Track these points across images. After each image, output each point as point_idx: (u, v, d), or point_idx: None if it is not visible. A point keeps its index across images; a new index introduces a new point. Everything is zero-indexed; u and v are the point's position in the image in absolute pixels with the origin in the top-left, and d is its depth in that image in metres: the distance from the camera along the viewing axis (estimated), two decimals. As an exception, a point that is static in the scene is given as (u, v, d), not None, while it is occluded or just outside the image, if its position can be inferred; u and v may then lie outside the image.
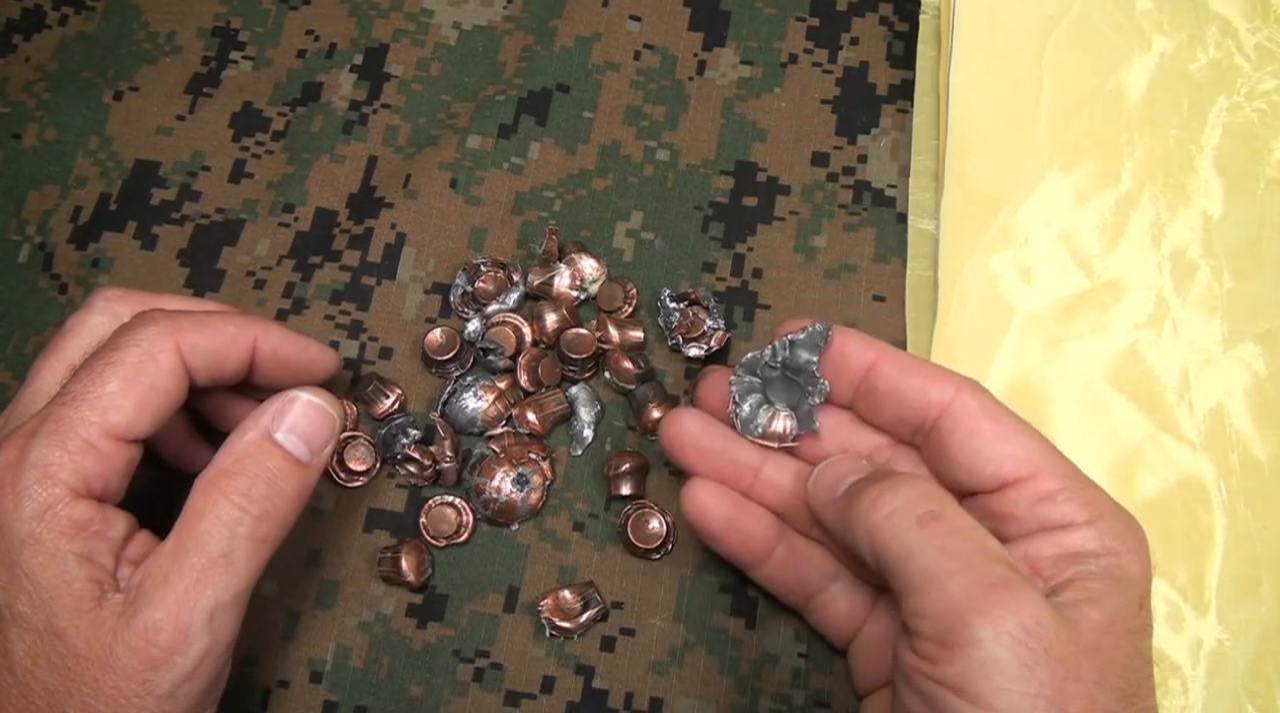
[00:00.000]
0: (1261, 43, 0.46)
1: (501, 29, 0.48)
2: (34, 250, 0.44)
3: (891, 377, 0.34)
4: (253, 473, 0.31)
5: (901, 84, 0.47)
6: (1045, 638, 0.27)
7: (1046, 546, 0.30)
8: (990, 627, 0.27)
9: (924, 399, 0.33)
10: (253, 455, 0.32)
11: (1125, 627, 0.29)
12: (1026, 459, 0.31)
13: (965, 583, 0.28)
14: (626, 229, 0.45)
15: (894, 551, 0.30)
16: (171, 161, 0.46)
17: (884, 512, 0.30)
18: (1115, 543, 0.30)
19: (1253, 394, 0.41)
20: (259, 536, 0.31)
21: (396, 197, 0.45)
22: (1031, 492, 0.31)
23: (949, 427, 0.32)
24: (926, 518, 0.29)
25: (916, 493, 0.30)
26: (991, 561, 0.29)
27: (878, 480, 0.32)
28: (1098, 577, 0.29)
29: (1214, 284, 0.43)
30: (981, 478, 0.31)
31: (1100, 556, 0.30)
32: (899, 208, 0.45)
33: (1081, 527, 0.30)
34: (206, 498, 0.31)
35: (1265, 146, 0.45)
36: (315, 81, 0.47)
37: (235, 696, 0.38)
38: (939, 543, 0.29)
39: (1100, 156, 0.45)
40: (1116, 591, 0.29)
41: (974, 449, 0.32)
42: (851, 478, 0.33)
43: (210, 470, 0.32)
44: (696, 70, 0.47)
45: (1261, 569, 0.39)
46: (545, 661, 0.39)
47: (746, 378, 0.36)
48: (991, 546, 0.29)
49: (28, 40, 0.48)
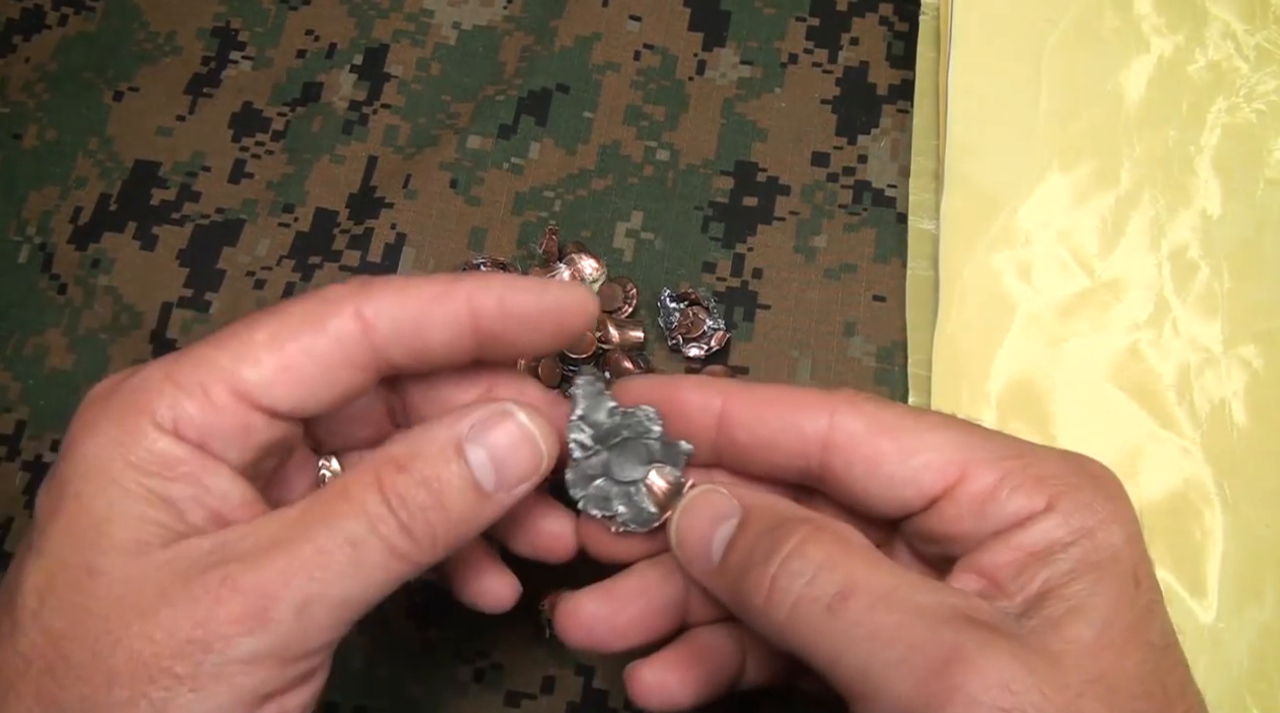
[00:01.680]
0: (1260, 44, 0.46)
1: (501, 29, 0.48)
2: (34, 250, 0.44)
3: (748, 423, 0.28)
4: (422, 477, 0.26)
5: (901, 84, 0.47)
6: (1029, 702, 0.22)
7: (1003, 552, 0.25)
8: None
9: (797, 438, 0.27)
10: (430, 457, 0.26)
11: (1125, 624, 0.24)
12: (947, 461, 0.26)
13: (910, 678, 0.22)
14: (626, 229, 0.45)
15: (815, 654, 0.24)
16: (171, 162, 0.46)
17: (784, 608, 0.24)
18: (1085, 518, 0.25)
19: (1253, 393, 0.41)
20: (398, 548, 0.25)
21: (396, 197, 0.45)
22: (968, 496, 0.25)
23: (842, 461, 0.27)
24: (837, 602, 0.24)
25: (813, 568, 0.24)
26: (933, 626, 0.23)
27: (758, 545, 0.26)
28: (1074, 574, 0.24)
29: (1214, 284, 0.43)
30: (904, 502, 0.26)
31: (1069, 544, 0.24)
32: (899, 208, 0.45)
33: (1041, 516, 0.25)
34: (357, 479, 0.25)
35: (1264, 147, 0.45)
36: (315, 81, 0.47)
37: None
38: (863, 631, 0.23)
39: (1100, 157, 0.45)
40: (1102, 582, 0.24)
41: (882, 477, 0.26)
42: (724, 531, 0.27)
43: (375, 455, 0.26)
44: (696, 70, 0.47)
45: (1264, 567, 0.39)
46: (545, 661, 0.39)
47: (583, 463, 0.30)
48: (926, 600, 0.24)
49: (28, 40, 0.48)
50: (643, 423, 0.29)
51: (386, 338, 0.26)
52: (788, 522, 0.26)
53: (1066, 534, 0.25)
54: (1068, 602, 0.24)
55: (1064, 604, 0.24)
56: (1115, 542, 0.25)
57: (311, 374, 0.25)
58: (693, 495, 0.28)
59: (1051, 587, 0.24)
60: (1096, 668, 0.23)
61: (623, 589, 0.30)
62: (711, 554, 0.27)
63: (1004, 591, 0.25)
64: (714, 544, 0.27)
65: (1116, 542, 0.25)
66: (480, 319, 0.27)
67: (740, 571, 0.26)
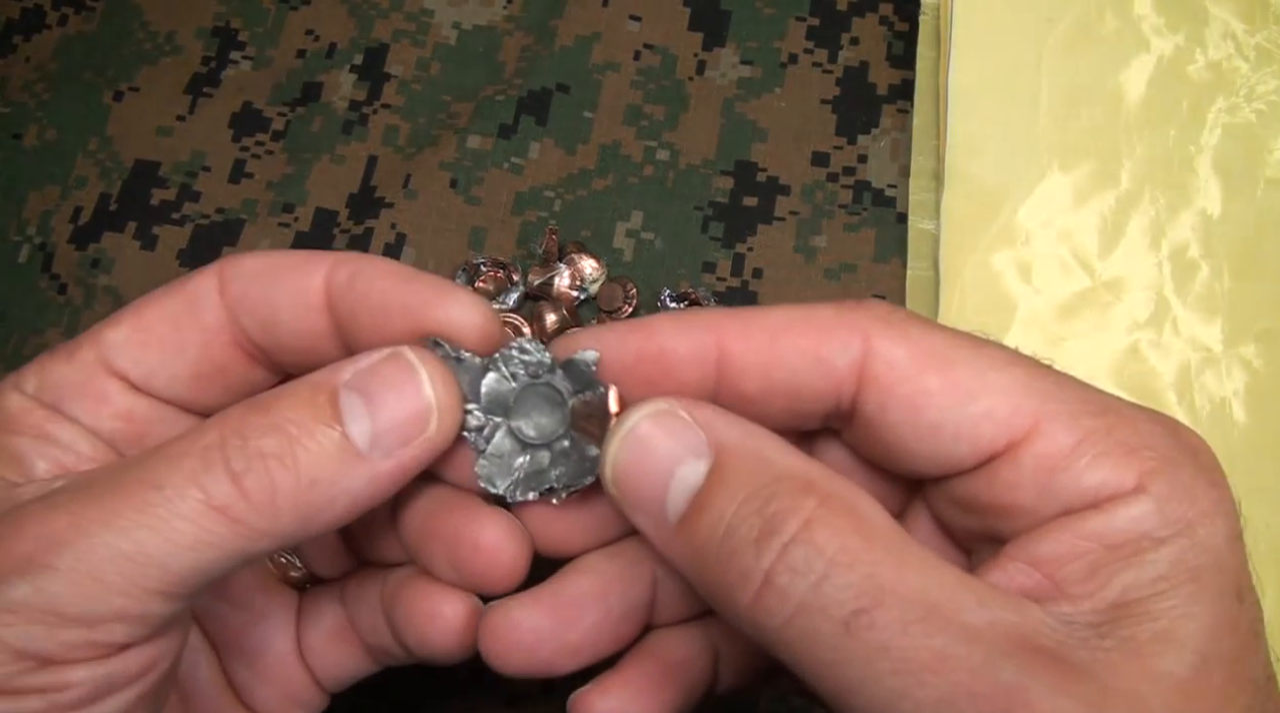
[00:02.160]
0: (1260, 44, 0.46)
1: (501, 29, 0.48)
2: (34, 251, 0.44)
3: (757, 366, 0.21)
4: (277, 420, 0.20)
5: (901, 84, 0.47)
6: None
7: (1074, 538, 0.19)
8: None
9: (823, 377, 0.21)
10: (293, 404, 0.21)
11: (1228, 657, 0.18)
12: (1013, 410, 0.20)
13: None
14: (626, 229, 0.45)
15: (823, 679, 0.18)
16: (171, 162, 0.46)
17: (781, 615, 0.18)
18: (1184, 507, 0.19)
19: (1253, 392, 0.41)
20: (217, 499, 0.20)
21: (396, 197, 0.45)
22: (1034, 460, 0.20)
23: (878, 401, 0.21)
24: (857, 617, 0.18)
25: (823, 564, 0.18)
26: (987, 660, 0.17)
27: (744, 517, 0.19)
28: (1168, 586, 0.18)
29: (1214, 284, 0.43)
30: (951, 459, 0.20)
31: (1164, 541, 0.19)
32: (899, 208, 0.45)
33: (1129, 498, 0.19)
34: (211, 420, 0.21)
35: (1264, 147, 0.45)
36: (315, 81, 0.47)
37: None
38: (892, 660, 0.17)
39: (1100, 157, 0.45)
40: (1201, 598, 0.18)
41: (927, 425, 0.20)
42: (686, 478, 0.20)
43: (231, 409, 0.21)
44: (696, 70, 0.47)
45: (1265, 568, 0.39)
46: (546, 661, 0.39)
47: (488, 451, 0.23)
48: (975, 619, 0.18)
49: (28, 40, 0.48)
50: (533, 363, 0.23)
51: (237, 303, 0.23)
52: (784, 487, 0.19)
53: (1161, 526, 0.19)
54: (1157, 622, 0.18)
55: (1152, 625, 0.18)
56: (1218, 542, 0.19)
57: (162, 336, 0.23)
58: (637, 418, 0.21)
59: (1135, 598, 0.18)
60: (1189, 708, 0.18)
61: (572, 593, 0.23)
62: (667, 508, 0.20)
63: (1067, 594, 0.19)
64: (671, 494, 0.20)
65: (1220, 542, 0.19)
66: (332, 296, 0.22)
67: (715, 546, 0.19)
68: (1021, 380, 0.20)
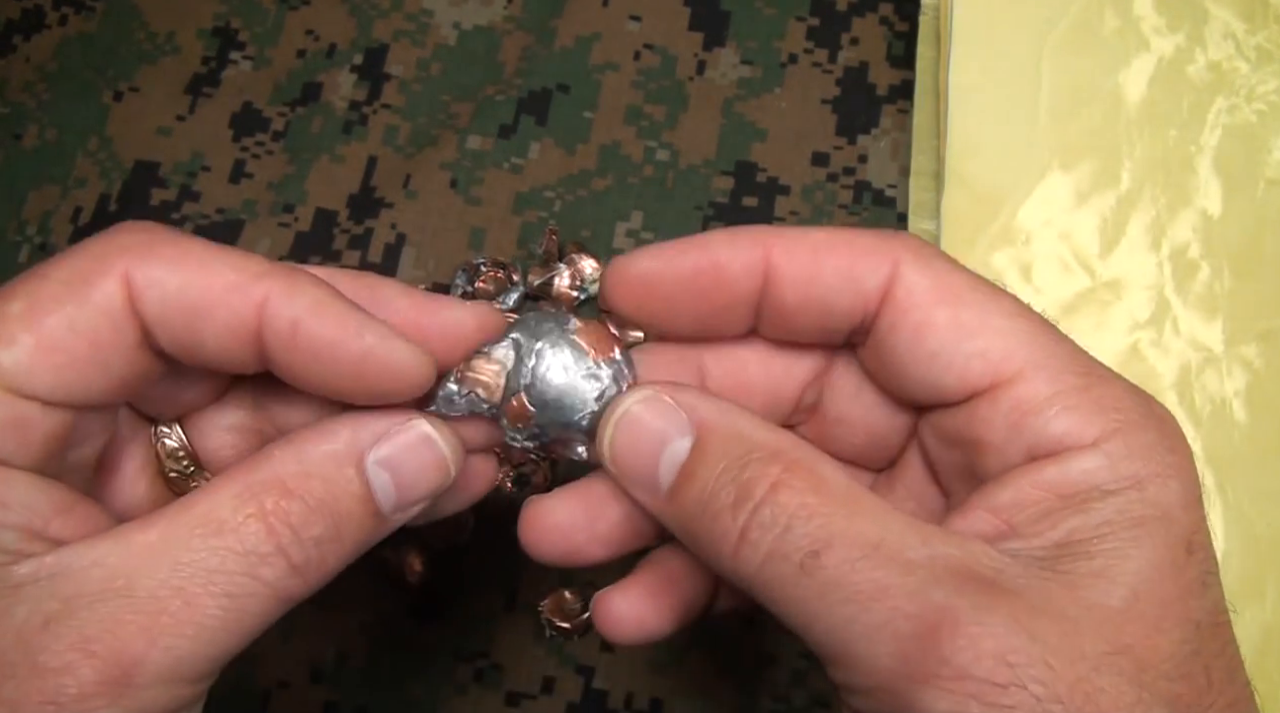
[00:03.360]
0: (1260, 44, 0.46)
1: (501, 29, 0.48)
2: (34, 251, 0.44)
3: (799, 279, 0.23)
4: (318, 503, 0.22)
5: (901, 84, 0.47)
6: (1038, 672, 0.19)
7: (1030, 487, 0.21)
8: (945, 697, 0.19)
9: (853, 294, 0.23)
10: (327, 478, 0.22)
11: (1165, 595, 0.20)
12: (1004, 355, 0.22)
13: (892, 646, 0.19)
14: (626, 229, 0.45)
15: (789, 616, 0.21)
16: (171, 162, 0.46)
17: (753, 563, 0.21)
18: (1137, 466, 0.20)
19: (1254, 392, 0.41)
20: (285, 591, 0.21)
21: (396, 197, 0.45)
22: (1012, 403, 0.21)
23: (890, 321, 0.23)
24: (811, 559, 0.20)
25: (786, 517, 0.21)
26: (921, 585, 0.20)
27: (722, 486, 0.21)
28: (1110, 530, 0.20)
29: (1214, 284, 0.43)
30: (941, 389, 0.22)
31: (1112, 492, 0.20)
32: (899, 208, 0.45)
33: (1085, 450, 0.21)
34: (232, 504, 0.21)
35: (1264, 147, 0.45)
36: (315, 81, 0.47)
37: (235, 697, 0.38)
38: (841, 592, 0.20)
39: (1100, 156, 0.45)
40: (1141, 544, 0.20)
41: (928, 351, 0.22)
42: (673, 454, 0.22)
43: (256, 471, 0.21)
44: (696, 70, 0.47)
45: (1265, 568, 0.39)
46: (545, 661, 0.39)
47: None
48: (915, 554, 0.20)
49: (28, 40, 0.48)
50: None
51: (153, 318, 0.21)
52: (755, 457, 0.21)
53: (1111, 479, 0.20)
54: (1095, 559, 0.20)
55: (1091, 562, 0.20)
56: (1169, 499, 0.20)
57: (79, 355, 0.21)
58: (629, 404, 0.23)
59: (1079, 538, 0.20)
60: (1121, 640, 0.19)
61: (599, 490, 0.25)
62: (659, 480, 0.22)
63: (1019, 534, 0.21)
64: (661, 468, 0.22)
65: (1171, 499, 0.20)
66: (266, 335, 0.21)
67: (699, 509, 0.22)
68: (1021, 330, 0.22)
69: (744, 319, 0.24)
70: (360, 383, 0.22)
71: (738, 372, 0.25)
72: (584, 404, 0.24)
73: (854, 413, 0.25)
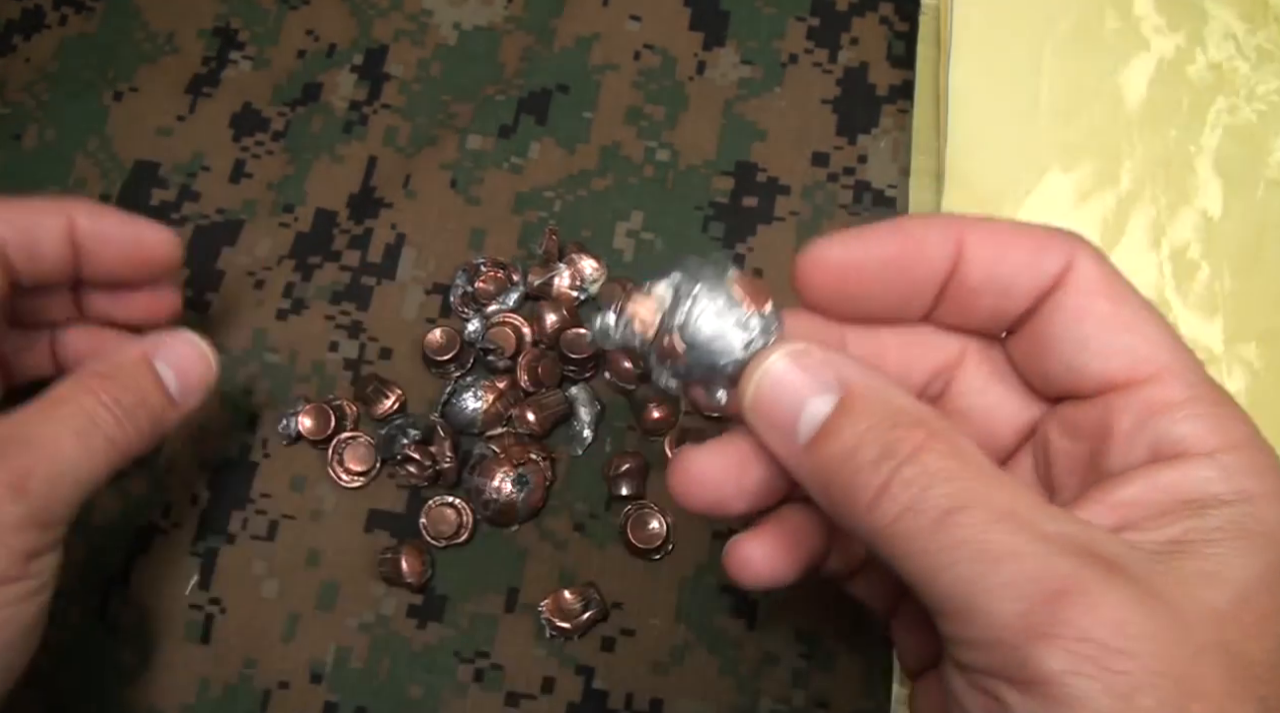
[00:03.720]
0: (1261, 44, 0.46)
1: (501, 29, 0.48)
2: (33, 250, 0.44)
3: (988, 260, 0.25)
4: (126, 383, 0.32)
5: (901, 84, 0.47)
6: (1152, 649, 0.20)
7: (1151, 488, 0.22)
8: (1062, 655, 0.20)
9: (1034, 277, 0.25)
10: (129, 370, 0.32)
11: (1265, 605, 0.21)
12: (1148, 355, 0.23)
13: (1017, 603, 0.20)
14: (626, 229, 0.45)
15: (913, 567, 0.22)
16: (171, 162, 0.46)
17: (888, 516, 0.22)
18: (1250, 482, 0.22)
19: (1253, 393, 0.41)
20: (115, 438, 0.31)
21: (396, 196, 0.45)
22: (1144, 401, 0.23)
23: (1053, 306, 0.24)
24: (948, 515, 0.21)
25: (927, 478, 0.22)
26: (1050, 553, 0.21)
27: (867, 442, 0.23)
28: (1221, 537, 0.22)
29: (1214, 284, 0.43)
30: (1083, 376, 0.24)
31: (1227, 503, 0.22)
32: (899, 208, 0.45)
33: (1202, 459, 0.22)
34: (73, 389, 0.31)
35: (1265, 147, 0.45)
36: (315, 81, 0.47)
37: (235, 697, 0.38)
38: (971, 549, 0.21)
39: (1100, 157, 0.45)
40: (1247, 555, 0.21)
41: (1080, 336, 0.24)
42: (817, 408, 0.23)
43: (81, 371, 0.32)
44: (696, 70, 0.47)
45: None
46: (545, 661, 0.39)
47: None
48: (1048, 526, 0.21)
49: (28, 40, 0.48)
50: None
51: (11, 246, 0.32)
52: (901, 420, 0.23)
53: (1226, 490, 0.22)
54: (1205, 561, 0.21)
55: (1201, 563, 0.21)
56: (1275, 518, 0.22)
57: None
58: (779, 356, 0.24)
59: (1192, 539, 0.22)
60: (1223, 636, 0.21)
61: (745, 447, 0.26)
62: (799, 431, 0.24)
63: (1135, 527, 0.22)
64: (803, 420, 0.24)
65: (1275, 519, 0.22)
66: (80, 237, 0.33)
67: (840, 463, 0.23)
68: (1168, 338, 0.24)
69: (929, 301, 0.26)
70: (143, 261, 0.35)
71: (875, 351, 0.27)
72: (731, 351, 0.25)
73: (977, 406, 0.27)
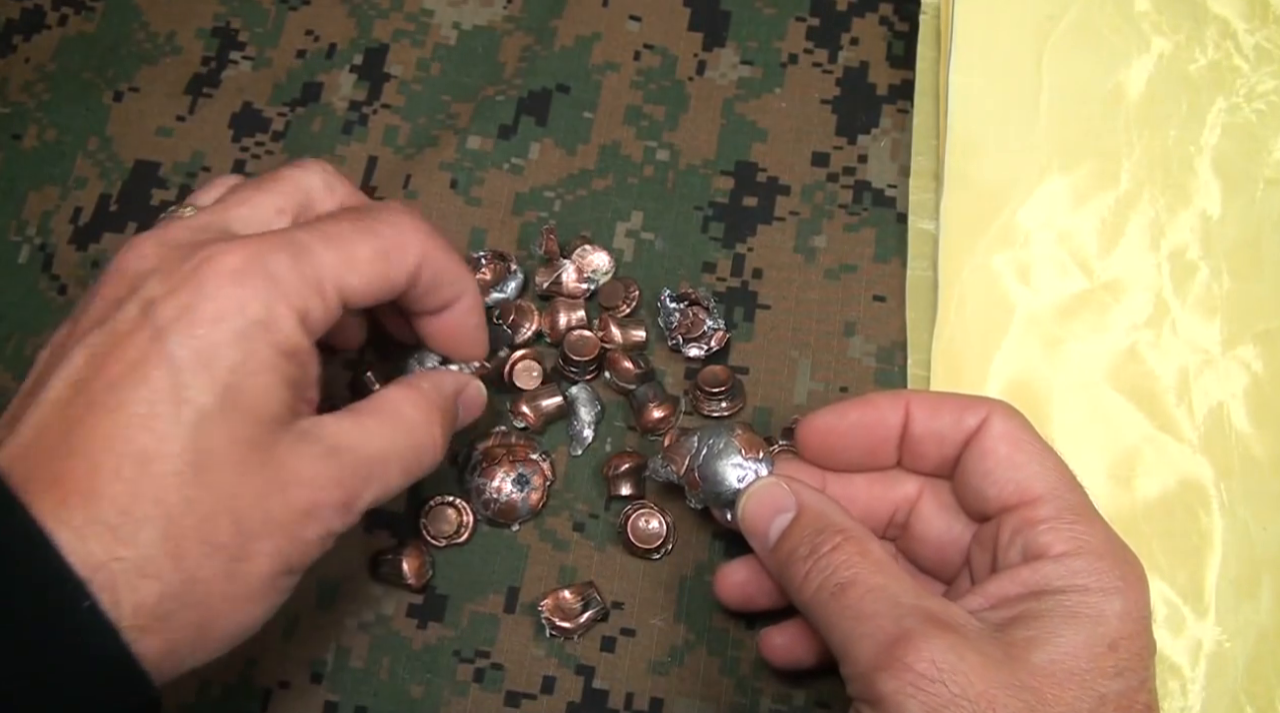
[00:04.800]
0: (1260, 43, 0.46)
1: (501, 29, 0.48)
2: (34, 251, 0.44)
3: (926, 417, 0.34)
4: (445, 421, 0.34)
5: (901, 84, 0.47)
6: (958, 680, 0.27)
7: (1010, 582, 0.30)
8: (892, 680, 0.28)
9: (959, 429, 0.33)
10: (447, 407, 0.34)
11: (1077, 668, 0.28)
12: (1030, 485, 0.31)
13: (872, 643, 0.29)
14: (626, 229, 0.45)
15: (821, 626, 0.31)
16: (171, 162, 0.46)
17: (810, 590, 0.31)
18: (1087, 580, 0.29)
19: (1252, 395, 0.41)
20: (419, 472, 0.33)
21: (396, 196, 0.45)
22: (1021, 519, 0.31)
23: (971, 452, 0.33)
24: (839, 589, 0.30)
25: (834, 563, 0.31)
26: (900, 616, 0.29)
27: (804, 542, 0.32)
28: (1051, 616, 0.29)
29: (1213, 285, 0.43)
30: (986, 502, 0.32)
31: (1063, 592, 0.29)
32: (899, 208, 0.45)
33: (1052, 560, 0.30)
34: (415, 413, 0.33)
35: (1264, 147, 0.45)
36: (315, 82, 0.47)
37: (235, 697, 0.38)
38: (851, 611, 0.30)
39: (1099, 157, 0.45)
40: (1070, 630, 0.28)
41: (984, 471, 0.32)
42: (780, 521, 0.33)
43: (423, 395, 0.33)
44: (696, 70, 0.47)
45: (1261, 570, 0.39)
46: (545, 661, 0.39)
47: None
48: (905, 598, 0.30)
49: (28, 40, 0.48)
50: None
51: (425, 276, 0.33)
52: (829, 528, 0.32)
53: (1064, 584, 0.29)
54: (1031, 630, 0.29)
55: (1028, 631, 0.29)
56: (1106, 609, 0.29)
57: (382, 289, 0.32)
58: (760, 485, 0.35)
59: (1028, 616, 0.29)
60: (1029, 683, 0.28)
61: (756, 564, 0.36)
62: (770, 537, 0.33)
63: (994, 610, 0.30)
64: (772, 530, 0.33)
65: (1107, 610, 0.29)
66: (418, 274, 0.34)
67: (789, 557, 0.32)
68: (1050, 474, 0.31)
69: (893, 452, 0.35)
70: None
71: (849, 491, 0.35)
72: (730, 485, 0.35)
73: (931, 531, 0.35)
